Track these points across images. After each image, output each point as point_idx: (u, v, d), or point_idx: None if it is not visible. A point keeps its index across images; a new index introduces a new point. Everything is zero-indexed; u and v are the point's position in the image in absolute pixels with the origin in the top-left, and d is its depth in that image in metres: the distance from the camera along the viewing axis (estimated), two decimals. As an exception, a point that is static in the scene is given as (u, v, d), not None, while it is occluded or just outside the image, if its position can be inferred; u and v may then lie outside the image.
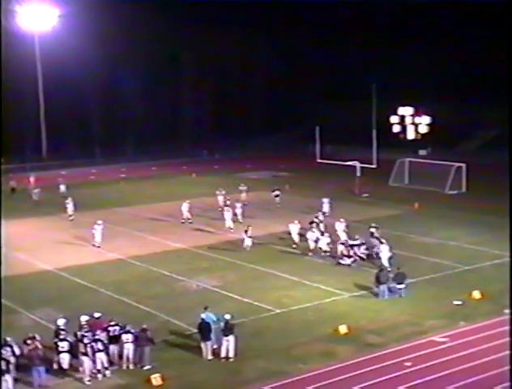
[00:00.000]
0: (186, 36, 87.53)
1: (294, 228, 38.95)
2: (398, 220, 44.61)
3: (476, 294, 29.86)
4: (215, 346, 24.63)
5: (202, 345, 24.46)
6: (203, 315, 24.81)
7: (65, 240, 41.87)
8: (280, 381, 22.70)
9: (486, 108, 77.70)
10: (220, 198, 49.30)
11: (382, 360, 23.90)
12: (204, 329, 24.45)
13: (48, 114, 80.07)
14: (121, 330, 23.86)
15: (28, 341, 23.08)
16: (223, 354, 24.29)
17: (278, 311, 28.74)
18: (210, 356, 24.32)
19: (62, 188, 56.21)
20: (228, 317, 24.60)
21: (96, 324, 24.16)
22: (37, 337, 23.16)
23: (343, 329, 26.42)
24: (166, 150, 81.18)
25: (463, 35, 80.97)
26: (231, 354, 24.28)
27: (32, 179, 58.90)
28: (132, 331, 23.83)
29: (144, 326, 24.17)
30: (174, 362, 24.14)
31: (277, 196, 50.79)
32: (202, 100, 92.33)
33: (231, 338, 24.27)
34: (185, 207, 45.55)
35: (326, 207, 46.25)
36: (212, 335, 24.52)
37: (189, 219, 45.16)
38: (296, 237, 38.72)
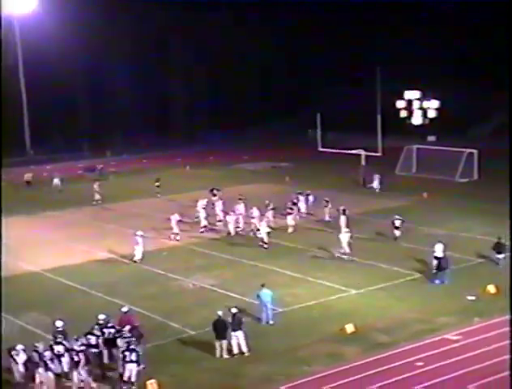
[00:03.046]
0: (175, 17, 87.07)
1: (345, 238, 35.84)
2: (407, 210, 44.56)
3: (491, 288, 29.88)
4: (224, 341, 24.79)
5: (217, 344, 24.63)
6: (220, 312, 24.97)
7: (52, 239, 41.93)
8: (284, 384, 22.72)
9: (499, 90, 77.51)
10: (241, 206, 43.44)
11: (392, 360, 23.95)
12: (220, 327, 24.60)
13: (30, 106, 79.93)
14: (116, 333, 23.84)
15: (13, 352, 22.66)
16: (235, 350, 24.59)
17: (280, 310, 28.75)
18: (226, 355, 24.54)
19: (56, 181, 56.70)
20: (234, 310, 24.88)
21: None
22: (20, 347, 22.75)
23: (349, 328, 26.48)
24: (157, 141, 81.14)
25: (474, 11, 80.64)
26: (244, 349, 24.60)
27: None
28: (128, 334, 23.75)
29: (136, 323, 24.43)
30: (171, 366, 24.18)
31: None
32: (195, 88, 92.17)
33: (240, 334, 24.56)
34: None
35: (342, 221, 40.51)
36: (229, 333, 24.63)
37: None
38: (346, 247, 35.57)
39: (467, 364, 23.36)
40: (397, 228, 38.27)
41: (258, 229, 39.08)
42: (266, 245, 37.87)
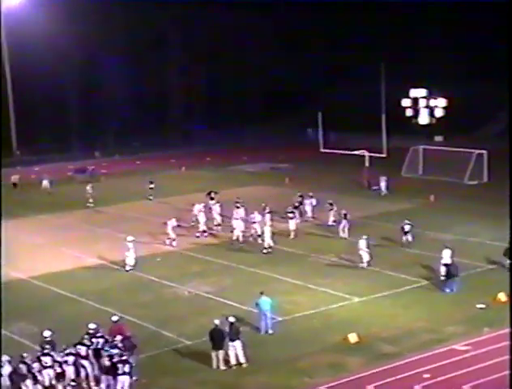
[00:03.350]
0: (173, 14, 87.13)
1: (363, 244, 35.24)
2: (412, 214, 44.42)
3: (502, 297, 29.81)
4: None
5: (213, 354, 24.66)
6: (217, 321, 24.98)
7: (40, 244, 41.88)
8: (284, 397, 22.81)
9: (509, 87, 77.48)
10: (241, 210, 43.44)
11: (397, 371, 23.89)
12: (217, 337, 24.63)
13: (17, 103, 79.72)
14: (105, 343, 23.80)
15: None
16: (232, 361, 24.61)
17: (280, 319, 28.71)
18: (223, 366, 24.55)
19: (45, 183, 56.87)
20: (232, 319, 24.91)
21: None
22: (5, 358, 22.54)
23: (352, 337, 26.44)
24: (152, 142, 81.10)
25: (482, 8, 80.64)
26: (242, 360, 24.61)
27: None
28: (120, 345, 23.72)
29: (128, 333, 24.42)
30: (166, 378, 24.13)
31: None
32: (192, 86, 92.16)
33: (237, 344, 24.60)
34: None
35: (342, 226, 41.00)
36: (226, 343, 24.72)
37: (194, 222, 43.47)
38: (365, 256, 35.21)
39: (476, 376, 23.26)
40: (406, 233, 38.18)
41: (259, 235, 39.10)
42: (265, 251, 37.87)
